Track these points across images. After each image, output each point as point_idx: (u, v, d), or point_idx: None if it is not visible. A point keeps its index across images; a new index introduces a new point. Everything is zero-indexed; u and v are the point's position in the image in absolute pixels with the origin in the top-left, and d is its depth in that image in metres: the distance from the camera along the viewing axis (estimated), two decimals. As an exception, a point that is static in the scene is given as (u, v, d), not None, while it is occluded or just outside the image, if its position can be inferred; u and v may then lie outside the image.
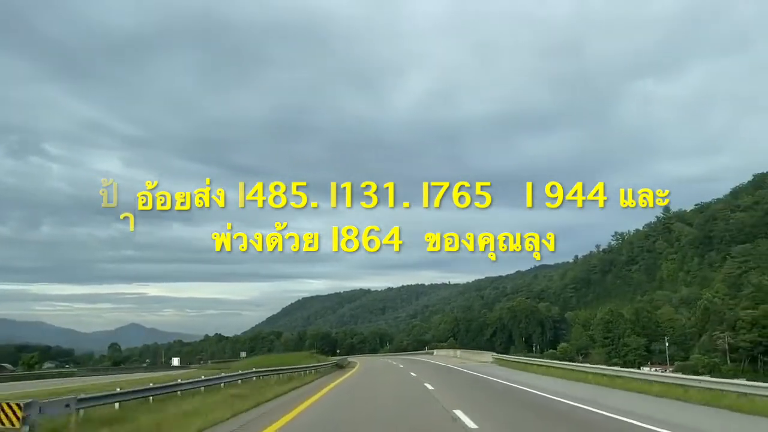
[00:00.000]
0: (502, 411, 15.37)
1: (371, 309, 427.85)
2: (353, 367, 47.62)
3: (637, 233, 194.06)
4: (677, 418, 13.30)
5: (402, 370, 38.10)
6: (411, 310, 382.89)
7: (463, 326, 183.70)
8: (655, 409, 15.13)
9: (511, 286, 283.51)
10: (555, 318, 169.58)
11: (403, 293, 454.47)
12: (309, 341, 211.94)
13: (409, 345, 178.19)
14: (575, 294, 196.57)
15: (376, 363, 58.81)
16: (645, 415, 13.42)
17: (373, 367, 48.12)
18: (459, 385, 25.72)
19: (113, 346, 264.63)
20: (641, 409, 14.76)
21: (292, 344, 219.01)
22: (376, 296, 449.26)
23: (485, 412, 14.50)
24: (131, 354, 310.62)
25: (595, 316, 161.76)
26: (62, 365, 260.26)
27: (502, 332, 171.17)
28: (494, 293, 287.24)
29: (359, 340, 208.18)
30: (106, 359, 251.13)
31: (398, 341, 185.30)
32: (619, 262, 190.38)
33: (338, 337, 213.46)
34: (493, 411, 15.27)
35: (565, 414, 14.44)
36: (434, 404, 16.44)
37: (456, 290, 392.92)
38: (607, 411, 14.25)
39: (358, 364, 55.89)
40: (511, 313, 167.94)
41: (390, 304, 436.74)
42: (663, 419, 12.88)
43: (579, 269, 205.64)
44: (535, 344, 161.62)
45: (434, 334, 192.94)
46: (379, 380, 29.47)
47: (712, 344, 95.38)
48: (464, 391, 22.18)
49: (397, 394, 20.77)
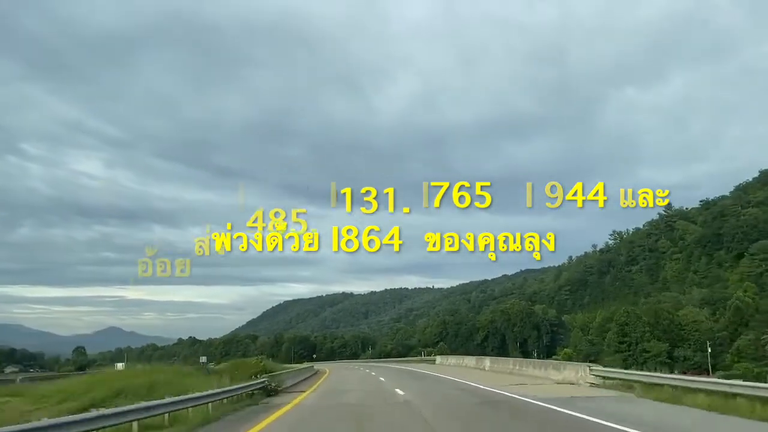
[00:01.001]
0: None
1: (354, 313, 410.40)
2: (307, 387, 28.65)
3: (637, 232, 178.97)
4: None
5: (402, 407, 18.03)
6: (394, 314, 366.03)
7: (452, 330, 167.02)
8: None
9: (499, 289, 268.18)
10: (552, 321, 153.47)
11: (387, 297, 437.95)
12: (286, 345, 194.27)
13: (393, 350, 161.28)
14: (570, 296, 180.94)
15: (350, 377, 39.25)
16: None
17: (342, 386, 29.57)
18: None
19: (78, 350, 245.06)
20: None
21: (268, 348, 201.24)
22: (359, 300, 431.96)
23: None
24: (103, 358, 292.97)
25: (594, 320, 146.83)
26: (26, 369, 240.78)
27: (495, 336, 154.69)
28: (481, 297, 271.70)
29: (340, 345, 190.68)
30: (71, 363, 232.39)
31: (381, 346, 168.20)
32: (618, 262, 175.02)
33: (317, 341, 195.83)
34: None
35: None
36: None
37: (440, 294, 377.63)
38: None
39: (322, 378, 37.98)
40: (504, 316, 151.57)
41: (373, 308, 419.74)
42: None
43: (574, 270, 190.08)
44: (533, 350, 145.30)
45: (420, 339, 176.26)
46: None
47: (761, 349, 79.56)
48: None
49: None
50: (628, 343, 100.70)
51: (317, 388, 28.04)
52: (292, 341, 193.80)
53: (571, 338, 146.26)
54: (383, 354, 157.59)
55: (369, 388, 26.58)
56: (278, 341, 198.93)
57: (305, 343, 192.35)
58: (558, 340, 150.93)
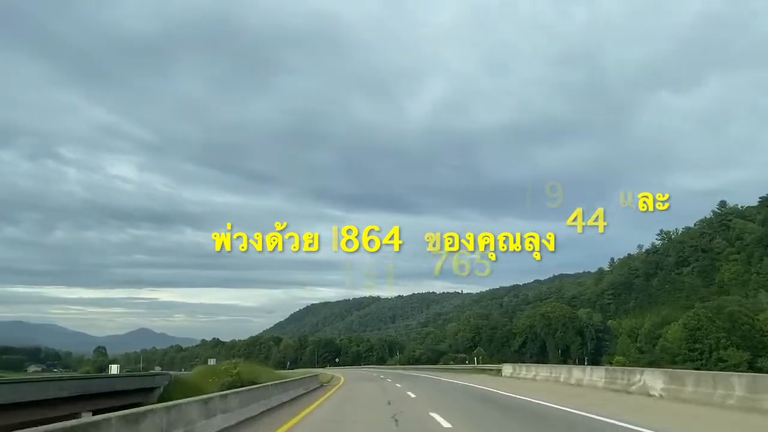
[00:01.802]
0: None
1: (381, 317, 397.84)
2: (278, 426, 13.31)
3: (688, 232, 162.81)
4: None
5: None
6: (422, 319, 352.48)
7: (486, 335, 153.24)
8: None
9: (533, 293, 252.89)
10: (597, 327, 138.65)
11: (414, 301, 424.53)
12: (310, 348, 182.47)
13: (423, 355, 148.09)
14: (614, 300, 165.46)
15: (369, 397, 22.97)
16: None
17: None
18: None
19: (98, 350, 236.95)
20: None
21: (292, 351, 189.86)
22: (386, 304, 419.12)
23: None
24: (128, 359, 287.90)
25: (642, 325, 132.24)
26: (50, 368, 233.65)
27: (534, 342, 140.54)
28: (515, 301, 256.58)
29: (366, 349, 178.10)
30: (90, 363, 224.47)
31: (410, 350, 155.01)
32: (666, 264, 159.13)
33: (342, 344, 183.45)
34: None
35: None
36: None
37: (469, 299, 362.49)
38: None
39: (325, 395, 23.63)
40: (544, 321, 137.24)
41: (400, 312, 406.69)
42: None
43: (617, 273, 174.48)
44: (576, 357, 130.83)
45: (451, 344, 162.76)
46: None
47: None
48: None
49: None
50: (701, 350, 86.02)
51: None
52: (316, 344, 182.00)
53: (618, 345, 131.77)
54: (412, 359, 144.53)
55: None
56: (302, 344, 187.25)
57: (330, 346, 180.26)
58: (603, 346, 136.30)
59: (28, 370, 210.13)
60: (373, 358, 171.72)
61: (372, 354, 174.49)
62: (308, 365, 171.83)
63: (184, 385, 29.14)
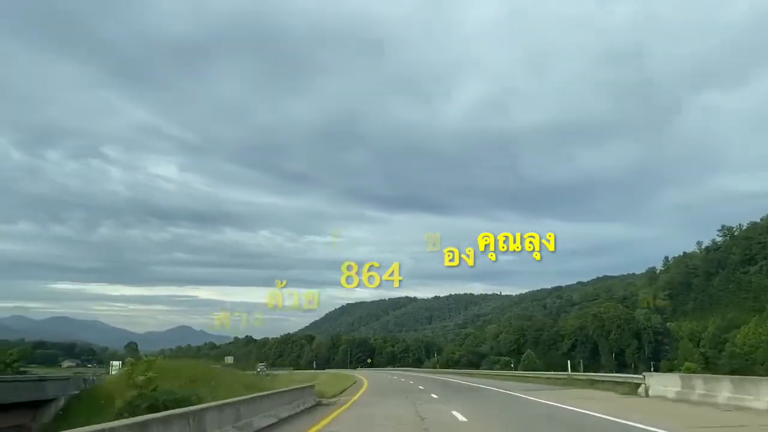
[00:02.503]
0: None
1: (417, 317, 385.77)
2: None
3: (755, 227, 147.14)
4: None
5: None
6: (460, 320, 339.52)
7: (531, 337, 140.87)
8: None
9: (578, 295, 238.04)
10: (656, 329, 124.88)
11: (451, 302, 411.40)
12: (343, 347, 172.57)
13: (463, 357, 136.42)
14: (671, 302, 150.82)
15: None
16: None
17: None
18: None
19: (129, 346, 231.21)
20: None
21: (325, 350, 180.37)
22: (422, 305, 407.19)
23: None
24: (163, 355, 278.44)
25: (704, 328, 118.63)
26: (84, 364, 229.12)
27: (584, 345, 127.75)
28: (558, 302, 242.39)
29: (401, 349, 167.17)
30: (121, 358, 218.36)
31: (448, 352, 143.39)
32: (730, 262, 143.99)
33: (377, 344, 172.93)
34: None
35: None
36: None
37: (509, 301, 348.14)
38: None
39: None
40: (596, 322, 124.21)
41: (437, 314, 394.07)
42: None
43: (674, 272, 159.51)
44: (632, 361, 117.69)
45: (492, 346, 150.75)
46: None
47: None
48: None
49: None
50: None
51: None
52: (349, 343, 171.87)
53: (679, 349, 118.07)
54: (450, 362, 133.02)
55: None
56: (335, 343, 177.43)
57: (364, 346, 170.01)
58: (662, 351, 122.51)
59: (62, 366, 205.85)
60: (409, 359, 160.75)
61: (408, 355, 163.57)
62: (341, 366, 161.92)
63: (99, 394, 19.11)
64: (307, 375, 64.55)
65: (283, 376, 59.93)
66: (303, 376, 61.76)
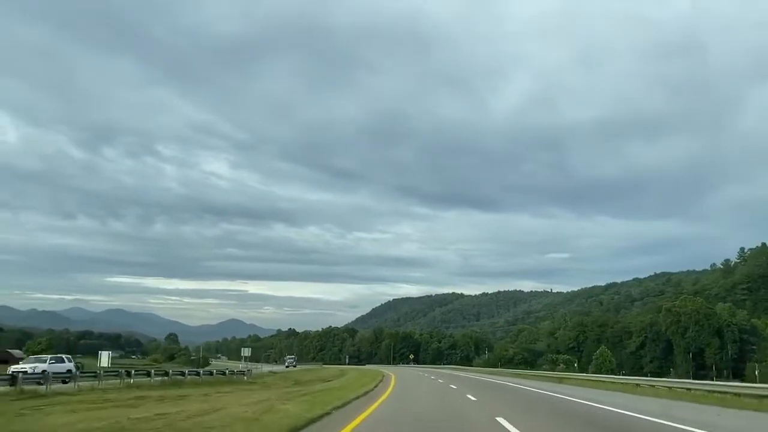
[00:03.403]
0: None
1: (464, 314, 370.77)
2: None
3: None
4: None
5: None
6: (509, 317, 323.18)
7: (591, 334, 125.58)
8: None
9: (638, 291, 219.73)
10: (741, 326, 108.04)
11: (500, 299, 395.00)
12: (386, 342, 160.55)
13: (517, 355, 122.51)
14: (750, 296, 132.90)
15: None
16: None
17: None
18: None
19: (170, 337, 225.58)
20: None
21: (367, 344, 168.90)
22: (470, 301, 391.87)
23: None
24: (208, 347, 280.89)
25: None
26: (128, 355, 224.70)
27: (655, 343, 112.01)
28: (616, 299, 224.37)
29: (448, 345, 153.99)
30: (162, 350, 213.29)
31: (500, 350, 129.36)
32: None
33: (422, 339, 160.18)
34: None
35: None
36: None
37: (561, 297, 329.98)
38: None
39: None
40: (671, 317, 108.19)
41: (485, 310, 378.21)
42: None
43: (753, 264, 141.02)
44: (712, 363, 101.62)
45: (549, 343, 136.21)
46: None
47: None
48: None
49: None
50: None
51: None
52: (393, 338, 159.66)
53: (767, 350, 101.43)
54: (503, 360, 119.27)
55: None
56: (378, 337, 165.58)
57: (408, 341, 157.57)
58: (748, 351, 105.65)
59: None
60: (457, 356, 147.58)
61: (455, 352, 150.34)
62: (384, 361, 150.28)
63: None
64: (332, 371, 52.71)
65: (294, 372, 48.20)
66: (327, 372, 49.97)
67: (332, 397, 18.61)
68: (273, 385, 29.98)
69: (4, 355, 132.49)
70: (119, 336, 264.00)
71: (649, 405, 17.91)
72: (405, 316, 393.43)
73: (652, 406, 17.56)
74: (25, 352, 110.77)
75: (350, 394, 20.36)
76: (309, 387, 26.96)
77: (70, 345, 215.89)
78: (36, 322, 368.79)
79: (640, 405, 17.90)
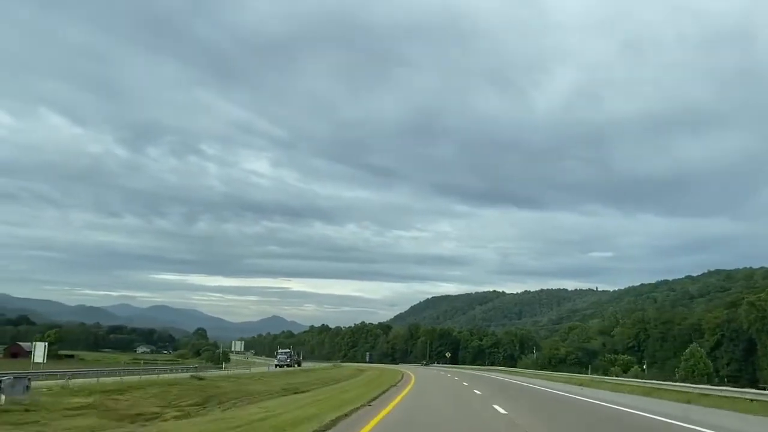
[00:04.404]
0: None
1: (506, 312, 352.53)
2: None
3: None
4: None
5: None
6: (554, 316, 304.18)
7: (655, 332, 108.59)
8: None
9: (697, 287, 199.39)
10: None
11: (543, 297, 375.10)
12: (422, 339, 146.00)
13: (570, 354, 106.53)
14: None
15: None
16: None
17: None
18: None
19: (198, 332, 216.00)
20: None
21: (402, 341, 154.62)
22: (511, 299, 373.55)
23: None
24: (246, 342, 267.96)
25: None
26: (159, 350, 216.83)
27: (733, 343, 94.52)
28: (672, 296, 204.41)
29: (490, 344, 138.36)
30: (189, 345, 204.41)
31: (550, 349, 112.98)
32: None
33: (462, 337, 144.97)
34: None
35: None
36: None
37: (607, 296, 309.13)
38: None
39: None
40: (755, 313, 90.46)
41: (527, 309, 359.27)
42: None
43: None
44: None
45: (604, 342, 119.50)
46: None
47: None
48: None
49: None
50: None
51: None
52: (429, 335, 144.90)
53: None
54: (554, 360, 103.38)
55: None
56: (413, 334, 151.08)
57: (446, 338, 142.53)
58: None
59: (137, 351, 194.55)
60: (500, 355, 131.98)
61: (498, 351, 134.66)
62: (420, 360, 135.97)
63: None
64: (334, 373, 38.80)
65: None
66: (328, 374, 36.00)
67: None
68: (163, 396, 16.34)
69: (15, 348, 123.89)
70: (153, 331, 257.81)
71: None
72: (444, 314, 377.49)
73: None
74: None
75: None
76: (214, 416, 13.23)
77: (99, 339, 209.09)
78: (83, 318, 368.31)
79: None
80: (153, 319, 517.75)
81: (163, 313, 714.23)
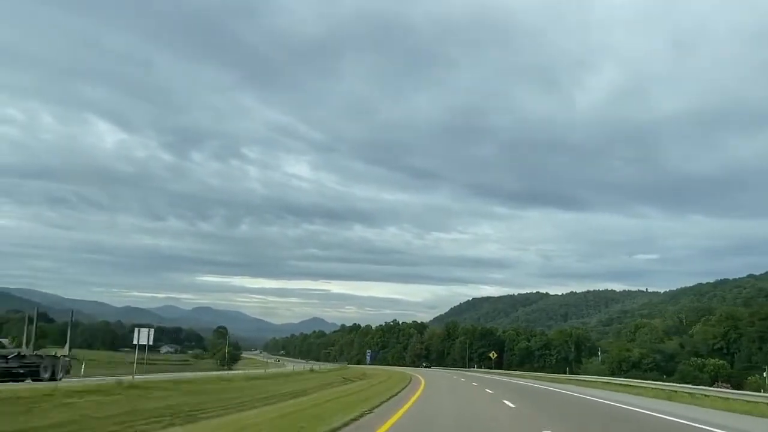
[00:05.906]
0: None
1: (550, 314, 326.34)
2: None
3: None
4: None
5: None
6: (602, 317, 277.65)
7: (751, 330, 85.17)
8: None
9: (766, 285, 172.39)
10: None
11: (589, 299, 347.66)
12: (461, 339, 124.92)
13: (645, 357, 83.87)
14: None
15: None
16: None
17: None
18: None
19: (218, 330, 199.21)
20: None
21: (438, 341, 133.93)
22: (556, 300, 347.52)
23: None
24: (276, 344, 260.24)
25: None
26: (183, 350, 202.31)
27: None
28: (744, 293, 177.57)
29: (540, 345, 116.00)
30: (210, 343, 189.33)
31: (619, 350, 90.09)
32: None
33: (507, 337, 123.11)
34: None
35: None
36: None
37: (658, 297, 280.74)
38: None
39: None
40: None
41: (573, 310, 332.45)
42: None
43: None
44: None
45: (682, 343, 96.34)
46: None
47: None
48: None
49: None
50: None
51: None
52: (469, 334, 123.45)
53: None
54: (625, 365, 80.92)
55: None
56: (450, 333, 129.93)
57: (488, 338, 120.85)
58: None
59: (161, 351, 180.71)
60: (553, 359, 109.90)
61: (550, 353, 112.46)
62: (458, 363, 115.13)
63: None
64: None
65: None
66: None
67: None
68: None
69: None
70: (179, 330, 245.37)
71: None
72: (485, 316, 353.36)
73: None
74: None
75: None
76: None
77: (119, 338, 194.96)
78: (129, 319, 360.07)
79: None
80: (197, 320, 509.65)
81: (206, 314, 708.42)
